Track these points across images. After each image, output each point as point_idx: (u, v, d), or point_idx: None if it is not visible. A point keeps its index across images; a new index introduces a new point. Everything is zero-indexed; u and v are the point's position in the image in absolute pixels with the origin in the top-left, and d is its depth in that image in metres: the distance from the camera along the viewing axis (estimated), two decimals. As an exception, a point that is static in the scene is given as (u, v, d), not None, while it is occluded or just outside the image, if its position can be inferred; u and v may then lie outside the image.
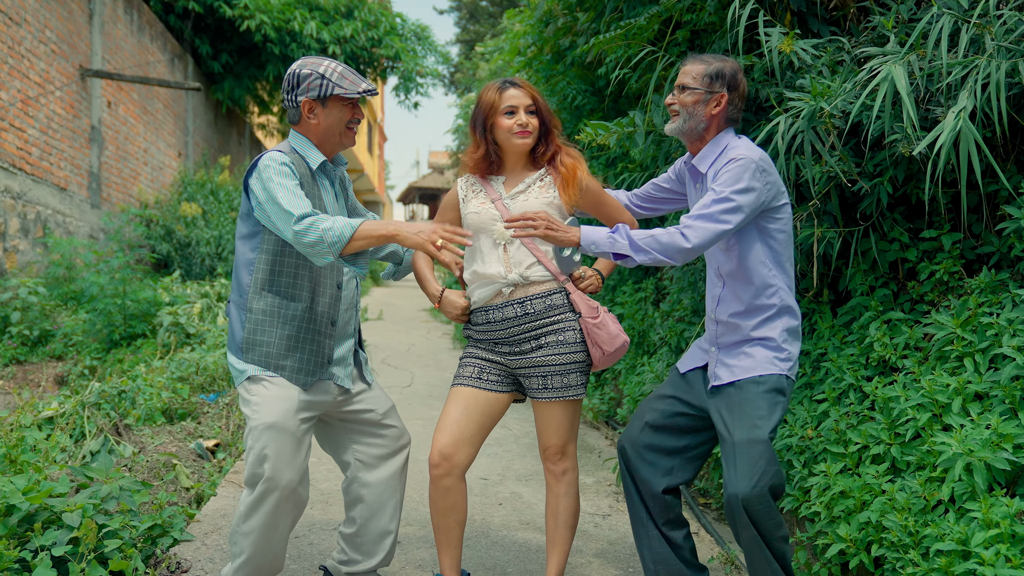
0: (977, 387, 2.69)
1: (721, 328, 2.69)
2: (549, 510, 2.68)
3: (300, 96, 2.53)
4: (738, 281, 2.63)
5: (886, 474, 2.83)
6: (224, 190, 11.48)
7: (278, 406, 2.46)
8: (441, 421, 2.62)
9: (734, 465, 2.44)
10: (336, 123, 2.57)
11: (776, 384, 2.56)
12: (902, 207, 3.42)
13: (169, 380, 5.25)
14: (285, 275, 2.54)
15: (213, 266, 10.35)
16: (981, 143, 2.50)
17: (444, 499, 2.59)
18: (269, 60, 14.01)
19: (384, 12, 14.73)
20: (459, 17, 27.98)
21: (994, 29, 2.85)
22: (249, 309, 2.54)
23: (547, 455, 2.65)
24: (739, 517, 2.43)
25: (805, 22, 3.71)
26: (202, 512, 3.43)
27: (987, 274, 3.00)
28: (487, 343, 2.68)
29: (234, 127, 16.78)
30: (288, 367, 2.52)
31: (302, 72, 2.52)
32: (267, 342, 2.52)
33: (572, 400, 2.60)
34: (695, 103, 2.62)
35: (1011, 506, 2.29)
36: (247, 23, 12.96)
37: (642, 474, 2.69)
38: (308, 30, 13.61)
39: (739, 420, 2.50)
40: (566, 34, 6.29)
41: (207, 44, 13.91)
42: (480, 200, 2.68)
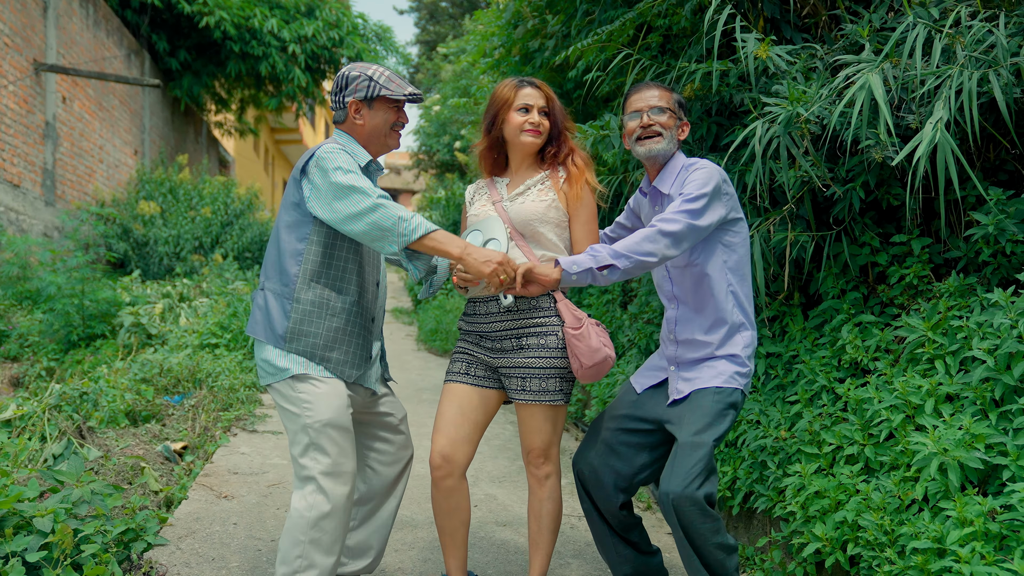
0: (948, 389, 2.76)
1: (682, 348, 2.72)
2: (532, 513, 2.68)
3: (348, 97, 2.56)
4: (700, 298, 2.67)
5: (860, 474, 2.88)
6: (183, 189, 11.28)
7: (334, 402, 2.47)
8: (437, 422, 2.63)
9: (672, 465, 2.47)
10: (382, 124, 2.59)
11: (731, 398, 2.60)
12: (872, 212, 3.50)
13: (132, 381, 5.14)
14: (335, 267, 2.54)
15: (171, 266, 10.17)
16: (958, 154, 2.56)
17: (447, 500, 2.59)
18: (229, 57, 13.81)
19: (346, 12, 14.61)
20: (419, 18, 27.91)
21: (964, 40, 2.92)
22: (296, 299, 2.50)
23: (529, 458, 2.66)
24: (668, 516, 2.46)
25: (778, 28, 3.78)
26: (175, 516, 3.37)
27: (956, 278, 3.08)
28: (474, 336, 2.70)
29: (191, 125, 16.51)
30: (334, 359, 2.51)
31: (351, 74, 2.57)
32: (314, 333, 2.50)
33: (551, 405, 2.60)
34: (672, 127, 2.69)
35: (984, 504, 2.35)
36: (206, 19, 12.76)
37: (600, 494, 2.72)
38: (268, 27, 13.45)
39: (688, 423, 2.54)
40: (535, 36, 6.31)
41: (164, 40, 13.66)
42: (482, 202, 2.70)
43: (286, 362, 2.49)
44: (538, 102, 2.61)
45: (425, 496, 3.86)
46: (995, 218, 2.92)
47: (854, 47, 3.41)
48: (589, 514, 2.78)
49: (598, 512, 2.75)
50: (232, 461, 4.23)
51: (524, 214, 2.60)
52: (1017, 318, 2.66)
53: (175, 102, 14.94)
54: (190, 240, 10.41)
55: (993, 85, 2.77)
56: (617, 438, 2.73)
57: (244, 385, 5.57)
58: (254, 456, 4.35)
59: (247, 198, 11.88)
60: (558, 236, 2.63)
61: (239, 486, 3.83)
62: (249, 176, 21.73)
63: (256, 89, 15.39)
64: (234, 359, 5.92)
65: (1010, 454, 2.44)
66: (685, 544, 2.45)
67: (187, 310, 6.92)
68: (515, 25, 6.52)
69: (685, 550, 2.47)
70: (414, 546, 3.29)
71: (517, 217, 2.61)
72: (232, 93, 15.95)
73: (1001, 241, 2.93)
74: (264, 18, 13.52)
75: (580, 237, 2.67)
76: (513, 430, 5.48)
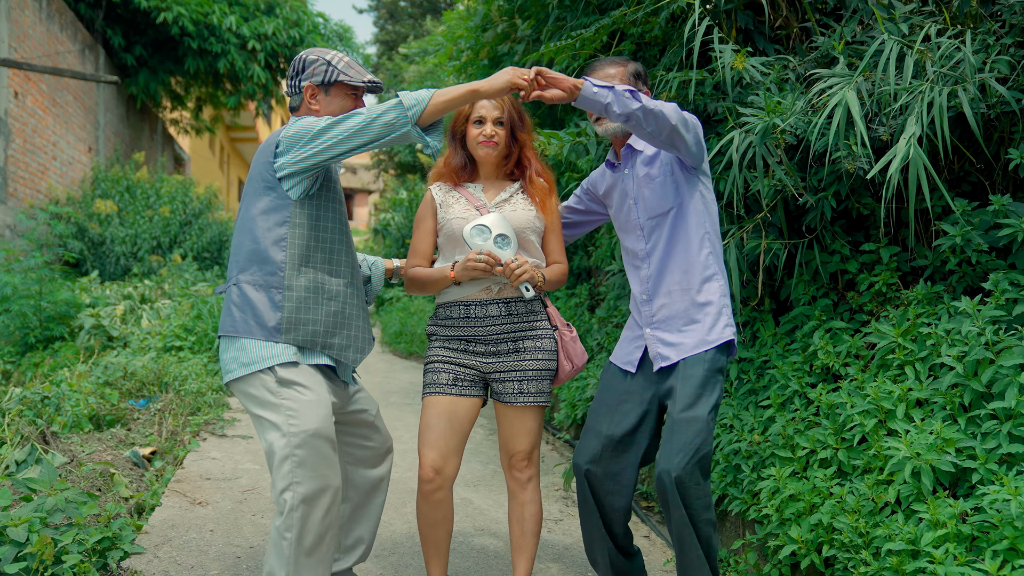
0: (919, 394, 2.84)
1: (657, 305, 2.73)
2: (514, 517, 2.70)
3: (304, 81, 2.52)
4: (674, 247, 2.70)
5: (834, 477, 2.96)
6: (140, 187, 11.08)
7: (319, 411, 2.35)
8: (425, 435, 2.61)
9: (669, 441, 2.50)
10: (338, 111, 2.50)
11: (717, 363, 2.63)
12: (842, 220, 3.58)
13: (95, 385, 5.05)
14: (323, 249, 2.46)
15: (128, 266, 9.98)
16: (930, 169, 2.65)
17: (435, 512, 2.60)
18: (187, 54, 13.58)
19: (306, 11, 14.48)
20: (377, 17, 27.73)
21: (933, 56, 3.02)
22: (288, 287, 2.39)
23: (513, 462, 2.67)
24: (670, 493, 2.47)
25: (750, 39, 3.85)
26: (150, 523, 3.32)
27: (923, 286, 3.17)
28: (457, 341, 2.66)
29: (146, 122, 16.22)
30: (337, 345, 2.45)
31: (308, 58, 2.53)
32: (313, 320, 2.41)
33: (541, 406, 2.65)
34: None
35: (956, 507, 2.43)
36: (164, 15, 12.54)
37: (609, 500, 2.70)
38: (227, 24, 13.27)
39: (680, 397, 2.56)
40: (504, 40, 6.33)
41: (120, 35, 13.39)
42: (463, 206, 2.70)
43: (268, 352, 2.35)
44: (491, 113, 2.63)
45: (402, 500, 3.86)
46: (962, 229, 3.01)
47: (826, 59, 3.49)
48: (589, 516, 2.74)
49: (600, 514, 2.73)
50: (204, 466, 4.18)
51: (517, 221, 2.63)
52: (984, 326, 2.75)
53: (130, 99, 14.67)
54: (148, 240, 10.23)
55: (962, 100, 2.86)
56: (623, 428, 2.70)
57: (211, 389, 5.50)
58: (226, 461, 4.30)
59: (206, 197, 11.70)
60: (538, 245, 2.71)
61: (213, 492, 3.78)
62: (205, 174, 21.41)
63: (214, 87, 15.17)
64: (200, 362, 5.84)
65: (979, 458, 2.53)
66: (685, 521, 2.47)
67: (149, 312, 6.81)
68: (484, 28, 6.53)
69: (683, 528, 2.49)
70: (395, 551, 3.29)
71: (511, 223, 2.63)
72: (189, 90, 15.70)
73: (967, 251, 3.02)
74: (223, 15, 13.33)
75: (555, 248, 2.75)
76: (484, 433, 5.49)
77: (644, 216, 2.76)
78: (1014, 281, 2.90)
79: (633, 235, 2.81)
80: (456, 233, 2.64)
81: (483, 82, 2.32)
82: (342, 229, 2.52)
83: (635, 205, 2.77)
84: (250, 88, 14.34)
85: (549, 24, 5.15)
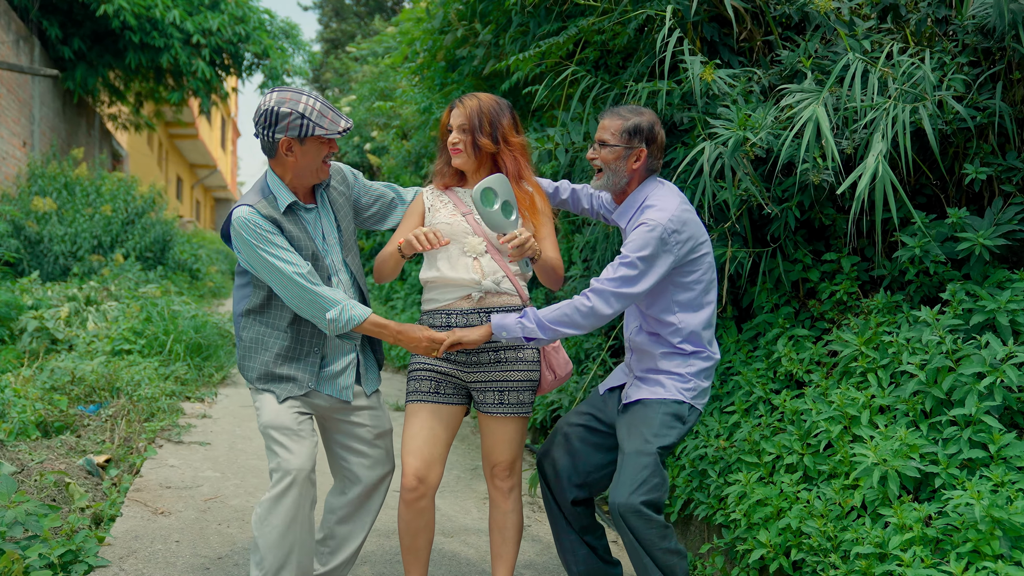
0: (881, 401, 2.93)
1: (635, 356, 2.82)
2: (495, 526, 2.71)
3: (278, 135, 2.50)
4: (649, 320, 2.75)
5: (800, 482, 3.03)
6: (80, 184, 10.74)
7: (272, 405, 2.60)
8: (409, 443, 2.61)
9: (618, 474, 2.56)
10: (313, 160, 2.58)
11: (677, 410, 2.66)
12: (803, 230, 3.68)
13: (42, 390, 4.89)
14: (274, 309, 2.64)
15: (68, 266, 9.67)
16: (897, 184, 2.74)
17: (417, 520, 2.59)
18: (128, 48, 13.21)
19: (252, 8, 14.23)
20: (322, 14, 27.41)
21: (896, 74, 3.12)
22: (240, 337, 2.70)
23: (495, 472, 2.68)
24: (618, 523, 2.55)
25: (715, 50, 3.92)
26: (112, 535, 3.23)
27: (883, 296, 3.28)
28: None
29: (83, 117, 15.74)
30: (275, 388, 2.62)
31: (280, 111, 2.47)
32: (255, 367, 2.65)
33: (523, 417, 2.65)
34: (616, 159, 2.70)
35: (921, 511, 2.52)
36: (104, 7, 12.18)
37: (556, 487, 2.81)
38: (171, 18, 12.95)
39: (634, 433, 2.62)
40: (463, 44, 6.33)
41: (56, 27, 12.96)
42: (450, 211, 2.70)
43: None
44: (456, 120, 2.65)
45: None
46: (921, 240, 3.12)
47: (790, 73, 3.58)
48: (550, 510, 2.86)
49: (558, 506, 2.83)
50: (162, 474, 4.08)
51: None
52: (944, 335, 2.86)
53: (67, 93, 14.21)
54: (88, 239, 9.92)
55: (922, 117, 2.97)
56: (576, 433, 2.83)
57: (165, 394, 5.37)
58: (185, 469, 4.21)
59: (149, 196, 11.41)
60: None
61: (174, 501, 3.70)
62: (143, 171, 20.88)
63: (156, 82, 14.79)
64: (151, 366, 5.70)
65: (941, 463, 2.62)
66: (637, 549, 2.53)
67: (95, 314, 6.61)
68: (443, 31, 6.52)
69: (637, 556, 2.54)
70: (367, 560, 3.26)
71: (492, 233, 2.64)
72: (129, 85, 15.29)
73: (926, 262, 3.13)
74: (166, 9, 13.01)
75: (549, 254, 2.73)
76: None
77: None
78: (970, 291, 3.01)
79: None
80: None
81: (403, 331, 2.57)
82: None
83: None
84: (194, 84, 14.03)
85: (512, 30, 5.16)
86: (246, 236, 2.50)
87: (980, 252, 2.97)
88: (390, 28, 14.90)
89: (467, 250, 2.63)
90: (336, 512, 2.78)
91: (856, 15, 3.74)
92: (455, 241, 2.65)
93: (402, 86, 8.64)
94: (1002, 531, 2.32)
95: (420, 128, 8.19)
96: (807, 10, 3.55)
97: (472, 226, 2.65)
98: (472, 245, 2.63)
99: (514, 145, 2.66)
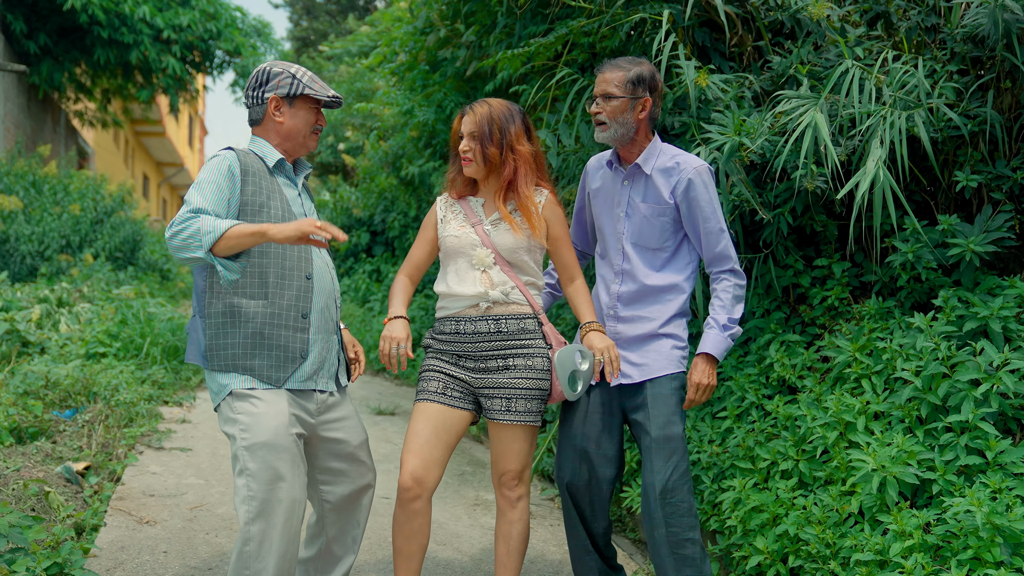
0: (877, 407, 2.95)
1: (624, 324, 2.76)
2: (501, 535, 2.67)
3: (268, 93, 2.50)
4: (654, 277, 2.73)
5: (796, 489, 3.04)
6: (48, 183, 10.52)
7: (271, 423, 2.35)
8: (410, 442, 2.56)
9: (651, 460, 2.58)
10: (302, 124, 2.54)
11: (682, 382, 2.73)
12: (794, 236, 3.69)
13: (15, 395, 4.76)
14: (248, 275, 2.42)
15: (36, 266, 9.46)
16: (897, 191, 2.75)
17: (411, 522, 2.53)
18: (96, 44, 12.98)
19: (224, 5, 14.06)
20: (292, 12, 27.13)
21: (890, 81, 3.14)
22: (208, 314, 2.43)
23: (503, 480, 2.64)
24: (652, 512, 2.55)
25: (706, 55, 3.93)
26: (97, 545, 3.15)
27: (875, 301, 3.30)
28: (450, 355, 2.64)
29: (48, 113, 15.44)
30: (256, 366, 2.40)
31: (272, 70, 2.51)
32: (229, 344, 2.41)
33: (532, 425, 2.62)
34: (623, 111, 2.68)
35: (921, 517, 2.53)
36: (71, 2, 11.95)
37: (591, 512, 2.75)
38: (140, 14, 12.76)
39: (655, 417, 2.63)
40: (445, 45, 6.29)
41: (21, 21, 12.69)
42: (459, 223, 2.66)
43: (224, 379, 2.41)
44: (467, 127, 2.61)
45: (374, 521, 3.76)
46: (913, 246, 3.14)
47: (781, 78, 3.59)
48: (573, 527, 2.78)
49: (583, 524, 2.76)
50: (145, 482, 3.99)
51: (511, 243, 2.60)
52: (939, 341, 2.88)
53: (32, 88, 13.93)
54: (56, 238, 9.72)
55: (917, 125, 2.99)
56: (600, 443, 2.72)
57: (143, 398, 5.26)
58: (167, 476, 4.12)
59: (119, 195, 11.21)
60: (535, 261, 2.68)
61: (159, 510, 3.62)
62: (110, 169, 20.54)
63: (124, 79, 14.55)
64: (128, 369, 5.58)
65: (938, 469, 2.64)
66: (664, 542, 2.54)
67: (68, 316, 6.47)
68: (425, 32, 6.47)
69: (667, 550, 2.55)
70: (359, 569, 3.21)
71: (502, 245, 2.60)
72: (96, 81, 15.02)
73: (918, 268, 3.16)
74: (136, 4, 12.81)
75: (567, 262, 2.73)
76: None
77: (631, 238, 2.76)
78: (962, 298, 3.04)
79: (613, 245, 2.81)
80: (452, 249, 2.64)
81: (273, 226, 2.27)
82: (265, 250, 2.43)
83: (625, 219, 2.77)
84: (164, 81, 13.82)
85: (497, 31, 5.13)
86: (206, 167, 2.39)
87: (971, 259, 3.00)
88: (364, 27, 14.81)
89: (475, 263, 2.60)
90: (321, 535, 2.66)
91: (845, 22, 3.77)
92: (464, 254, 2.62)
93: (380, 87, 8.56)
94: (1003, 538, 2.33)
95: (401, 130, 8.13)
96: (800, 17, 3.56)
97: (481, 237, 2.61)
98: (480, 258, 2.59)
99: (520, 154, 2.61)
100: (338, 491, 2.62)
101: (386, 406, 6.12)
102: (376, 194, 10.13)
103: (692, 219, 2.70)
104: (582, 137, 4.06)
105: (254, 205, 2.42)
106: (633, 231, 2.76)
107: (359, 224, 10.66)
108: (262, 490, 2.31)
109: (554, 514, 4.04)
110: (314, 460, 2.59)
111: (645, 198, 2.73)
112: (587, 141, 4.05)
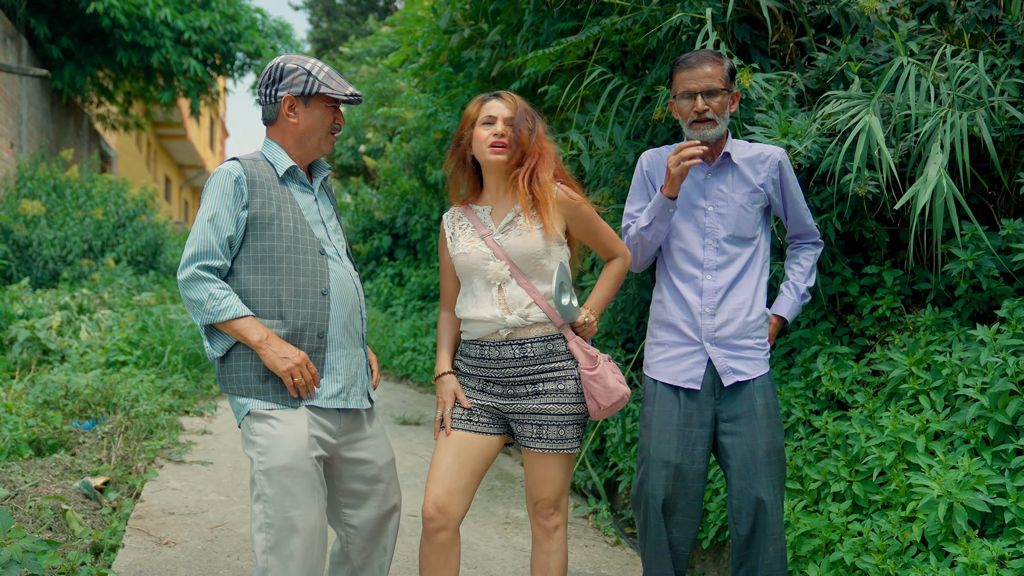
0: (937, 426, 2.76)
1: (721, 320, 2.60)
2: (537, 566, 2.49)
3: (282, 91, 2.32)
4: (747, 272, 2.64)
5: (849, 512, 2.85)
6: (70, 187, 10.47)
7: (289, 446, 2.22)
8: (433, 470, 2.39)
9: (757, 469, 2.53)
10: (318, 125, 2.34)
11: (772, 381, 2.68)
12: (841, 242, 3.50)
13: (35, 406, 4.66)
14: (260, 293, 2.27)
15: (58, 270, 9.40)
16: (960, 198, 2.56)
17: (438, 555, 2.36)
18: (118, 47, 12.95)
19: (244, 7, 13.99)
20: (312, 14, 27.09)
21: (949, 78, 2.95)
22: (221, 336, 2.29)
23: (538, 509, 2.46)
24: (747, 518, 2.53)
25: (746, 53, 3.74)
26: (115, 570, 3.02)
27: (931, 312, 3.10)
28: (477, 379, 2.47)
29: (72, 117, 15.45)
30: (271, 389, 2.25)
31: (286, 66, 2.31)
32: (243, 365, 2.27)
33: (567, 453, 2.43)
34: (727, 106, 2.60)
35: (995, 549, 2.34)
36: (94, 5, 11.92)
37: (678, 533, 2.63)
38: (161, 16, 12.71)
39: (765, 426, 2.57)
40: (469, 45, 6.14)
41: (44, 26, 12.68)
42: (468, 237, 2.46)
43: (242, 400, 2.28)
44: (503, 113, 2.39)
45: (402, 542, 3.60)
46: (973, 253, 2.95)
47: (827, 76, 3.40)
48: (660, 555, 2.62)
49: (672, 550, 2.63)
50: (165, 499, 3.86)
51: (525, 249, 2.38)
52: (1005, 356, 2.68)
53: (55, 93, 13.94)
54: (79, 243, 9.67)
55: (980, 126, 2.79)
56: (692, 458, 2.58)
57: (164, 409, 5.14)
58: (188, 492, 3.99)
59: (141, 199, 11.15)
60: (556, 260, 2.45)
61: (179, 529, 3.48)
62: (132, 172, 20.58)
63: (146, 81, 14.53)
64: (148, 378, 5.47)
65: (1010, 495, 2.44)
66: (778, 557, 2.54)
67: (88, 323, 6.38)
68: (448, 31, 6.32)
69: (776, 564, 2.54)
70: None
71: (516, 252, 2.39)
72: (118, 85, 15.02)
73: (978, 276, 2.96)
74: (156, 7, 12.76)
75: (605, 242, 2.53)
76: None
77: (725, 231, 2.61)
78: (1027, 308, 2.84)
79: (696, 241, 2.64)
80: (464, 268, 2.45)
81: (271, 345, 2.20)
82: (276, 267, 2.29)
83: (715, 214, 2.62)
84: (186, 83, 13.78)
85: (524, 30, 4.97)
86: (209, 184, 2.27)
87: (1037, 266, 2.81)
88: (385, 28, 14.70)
89: (490, 278, 2.40)
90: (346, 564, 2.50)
91: (895, 15, 3.57)
92: (477, 271, 2.42)
93: (402, 88, 8.43)
94: (1087, 574, 2.15)
95: (425, 132, 7.99)
96: (848, 10, 3.37)
97: (492, 248, 2.41)
98: (495, 271, 2.39)
99: (545, 150, 2.44)
100: (362, 515, 2.45)
101: (411, 415, 5.98)
102: (398, 196, 10.00)
103: (787, 198, 2.69)
104: (615, 138, 3.88)
105: (263, 219, 2.28)
106: (727, 223, 2.61)
107: (381, 227, 10.53)
108: (279, 518, 2.19)
109: (588, 533, 3.87)
110: (336, 482, 2.44)
111: (736, 188, 2.62)
112: (620, 143, 3.89)
